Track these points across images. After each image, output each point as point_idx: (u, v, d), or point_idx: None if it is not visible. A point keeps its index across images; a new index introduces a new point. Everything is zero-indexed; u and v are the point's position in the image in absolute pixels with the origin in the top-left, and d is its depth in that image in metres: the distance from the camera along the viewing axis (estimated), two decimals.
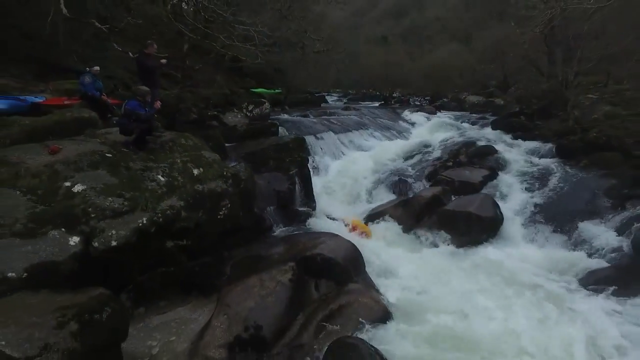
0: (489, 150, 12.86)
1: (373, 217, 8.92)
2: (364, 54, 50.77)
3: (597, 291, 6.03)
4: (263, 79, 25.12)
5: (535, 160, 12.16)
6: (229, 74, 19.36)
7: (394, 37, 65.21)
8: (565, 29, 14.53)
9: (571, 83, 15.83)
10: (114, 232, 4.66)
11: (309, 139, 12.42)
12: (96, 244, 4.53)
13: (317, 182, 10.43)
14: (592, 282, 6.21)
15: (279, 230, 7.66)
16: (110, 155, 5.81)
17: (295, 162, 9.42)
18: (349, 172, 12.11)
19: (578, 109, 15.43)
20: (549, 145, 13.02)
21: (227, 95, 18.07)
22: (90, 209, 4.73)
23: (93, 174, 5.27)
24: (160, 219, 5.17)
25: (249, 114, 13.84)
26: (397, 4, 73.66)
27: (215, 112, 13.29)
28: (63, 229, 4.43)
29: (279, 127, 12.24)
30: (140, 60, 7.85)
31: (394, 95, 35.16)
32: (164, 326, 4.88)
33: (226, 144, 9.60)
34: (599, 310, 5.57)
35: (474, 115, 22.39)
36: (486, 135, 16.28)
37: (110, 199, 4.96)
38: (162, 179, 5.79)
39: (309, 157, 10.79)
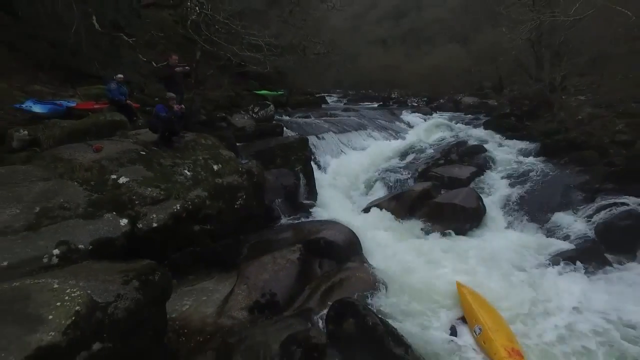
0: (479, 149, 13.88)
1: (370, 209, 9.89)
2: (363, 55, 51.78)
3: (562, 267, 7.02)
4: (265, 81, 26.07)
5: (521, 158, 13.18)
6: (233, 76, 20.35)
7: (393, 38, 66.23)
8: (550, 36, 15.50)
9: (558, 86, 16.81)
10: (154, 215, 5.66)
11: (311, 139, 13.39)
12: (140, 225, 5.53)
13: (318, 178, 11.42)
14: (559, 260, 7.19)
15: (285, 220, 8.65)
16: (144, 153, 6.82)
17: (299, 160, 10.44)
18: (348, 170, 13.11)
19: (564, 111, 16.43)
20: (535, 145, 14.04)
21: (232, 97, 19.07)
22: (134, 197, 5.73)
23: (133, 169, 6.28)
24: (190, 206, 6.17)
25: (254, 116, 14.79)
26: (397, 6, 74.43)
27: (224, 114, 14.26)
28: (114, 213, 5.43)
29: (284, 128, 13.21)
30: (163, 70, 8.85)
31: (393, 96, 36.13)
32: (193, 294, 5.86)
33: (237, 144, 10.57)
34: (562, 280, 6.58)
35: (468, 116, 23.36)
36: (478, 135, 17.32)
37: (149, 189, 5.97)
38: (188, 173, 6.80)
39: (311, 156, 11.78)
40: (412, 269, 7.07)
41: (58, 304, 3.41)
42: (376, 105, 30.18)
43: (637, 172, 9.14)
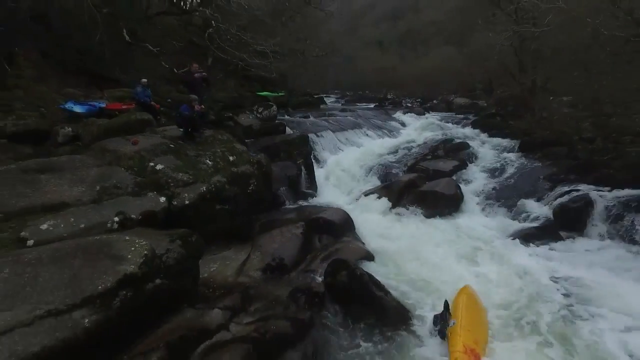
0: (463, 146, 15.30)
1: (363, 197, 11.25)
2: (360, 58, 53.19)
3: (522, 242, 8.40)
4: (266, 83, 27.42)
5: (501, 154, 14.61)
6: (237, 78, 21.71)
7: (390, 40, 67.69)
8: (532, 42, 16.92)
9: (538, 88, 18.22)
10: (186, 195, 7.02)
11: (311, 137, 14.75)
12: (175, 203, 6.88)
13: (317, 171, 12.77)
14: (521, 237, 8.58)
15: (289, 205, 10.02)
16: (173, 146, 8.19)
17: (301, 155, 11.83)
18: (345, 164, 14.46)
19: (545, 111, 17.85)
20: (515, 142, 15.45)
21: (236, 98, 20.41)
22: (169, 180, 7.09)
23: (165, 158, 7.64)
24: (213, 189, 7.52)
25: (259, 116, 16.14)
26: (394, 8, 75.68)
27: (231, 114, 15.61)
28: (155, 192, 6.78)
29: (286, 126, 14.58)
30: (185, 75, 10.20)
31: (388, 97, 37.53)
32: (216, 261, 7.18)
33: (246, 140, 11.91)
34: (521, 251, 7.99)
35: (459, 115, 24.75)
36: (466, 133, 18.75)
37: (180, 174, 7.33)
38: (209, 162, 8.16)
39: (311, 151, 13.14)
40: (397, 245, 8.43)
41: (132, 248, 4.76)
42: (372, 106, 31.54)
43: (594, 164, 10.53)
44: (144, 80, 10.61)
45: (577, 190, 9.60)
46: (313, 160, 12.89)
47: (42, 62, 11.61)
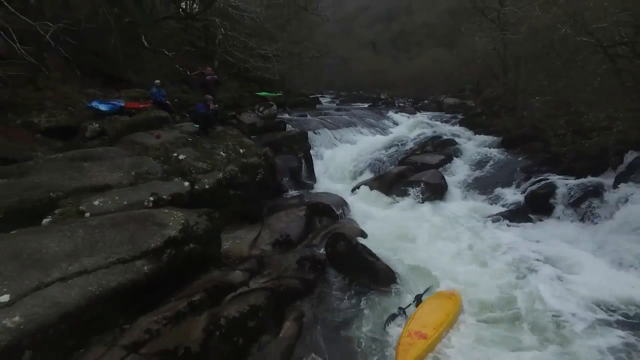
0: (450, 142, 16.57)
1: (358, 187, 12.46)
2: (354, 59, 54.37)
3: (497, 222, 9.65)
4: (264, 84, 28.55)
5: (484, 149, 15.85)
6: (239, 80, 22.83)
7: (383, 41, 69.01)
8: (514, 47, 18.26)
9: (520, 90, 19.53)
10: (206, 180, 8.18)
11: (309, 134, 15.93)
12: (197, 187, 8.03)
13: (315, 165, 13.94)
14: (495, 219, 9.83)
15: (292, 193, 11.20)
16: (191, 139, 9.34)
17: (301, 149, 13.05)
18: (340, 159, 15.69)
19: (526, 110, 19.14)
20: (498, 139, 16.73)
21: (236, 98, 21.54)
22: (191, 168, 8.25)
23: (186, 149, 8.80)
24: (227, 176, 8.69)
25: (260, 114, 17.25)
26: (388, 10, 76.96)
27: (234, 113, 16.74)
28: (180, 178, 7.93)
29: (286, 124, 15.77)
30: (199, 77, 11.36)
31: (381, 97, 38.80)
32: (231, 238, 8.30)
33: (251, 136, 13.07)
34: (495, 230, 9.23)
35: (448, 115, 26.00)
36: (453, 131, 19.99)
37: (200, 162, 8.49)
38: (223, 154, 9.32)
39: (310, 146, 14.34)
40: (387, 226, 9.64)
41: (172, 219, 5.93)
42: (366, 106, 32.77)
43: (562, 157, 11.82)
44: (158, 81, 11.74)
45: (546, 179, 10.89)
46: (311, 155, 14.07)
47: (64, 65, 12.66)
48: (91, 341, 4.30)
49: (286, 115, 20.65)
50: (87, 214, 6.15)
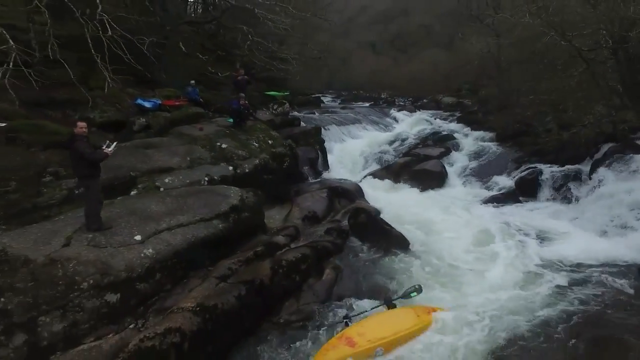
0: (449, 137, 18.14)
1: (367, 176, 13.99)
2: (354, 59, 55.86)
3: (490, 203, 11.22)
4: (270, 83, 30.04)
5: (480, 143, 17.39)
6: (255, 80, 24.31)
7: (381, 42, 70.62)
8: (505, 51, 19.87)
9: (514, 89, 21.12)
10: (246, 165, 9.69)
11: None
12: (238, 171, 9.54)
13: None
14: (489, 201, 11.41)
15: (311, 180, 12.71)
16: (228, 132, 10.85)
17: (316, 142, 14.54)
18: (349, 152, 17.21)
19: (519, 108, 20.71)
20: (492, 134, 18.30)
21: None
22: (233, 155, 9.76)
23: (226, 140, 10.30)
24: (262, 163, 10.20)
25: (274, 112, 18.78)
26: (386, 11, 78.40)
27: (251, 110, 18.24)
28: (225, 163, 9.44)
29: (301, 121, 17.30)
30: (232, 78, 12.90)
31: (382, 97, 40.33)
32: (267, 214, 9.83)
33: None
34: (481, 210, 10.78)
35: (446, 113, 27.56)
36: (451, 127, 21.56)
37: (239, 151, 10.01)
38: (256, 144, 10.83)
39: (324, 140, 15.86)
40: (397, 206, 11.17)
41: (231, 192, 7.45)
42: (367, 105, 34.26)
43: (549, 149, 13.37)
44: (193, 81, 13.22)
45: (534, 167, 12.47)
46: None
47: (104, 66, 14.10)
48: (190, 275, 5.81)
49: (295, 113, 22.13)
50: (162, 189, 7.66)
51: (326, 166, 14.49)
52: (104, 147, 5.50)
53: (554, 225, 9.43)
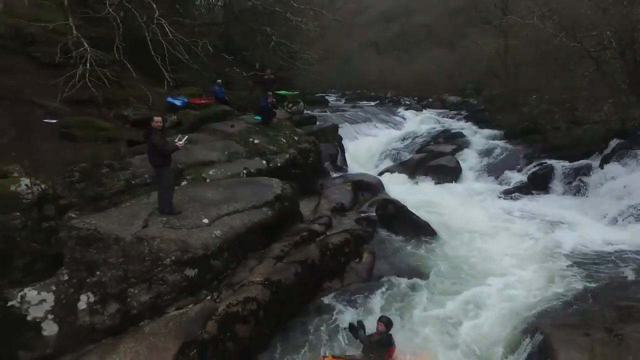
0: (459, 135, 18.77)
1: (384, 171, 14.61)
2: (357, 59, 56.41)
3: (504, 196, 11.85)
4: (281, 83, 30.63)
5: (490, 141, 18.04)
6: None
7: (382, 42, 71.24)
8: (516, 50, 20.50)
9: (520, 89, 21.76)
10: (277, 160, 10.29)
11: None
12: (271, 165, 10.13)
13: None
14: (504, 194, 12.04)
15: (333, 175, 13.31)
16: (257, 128, 11.44)
17: (335, 139, 15.14)
18: (362, 149, 17.85)
19: (525, 107, 21.34)
20: (501, 132, 18.94)
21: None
22: (265, 150, 10.36)
23: (257, 136, 10.89)
24: (291, 157, 10.79)
25: (289, 110, 19.36)
26: (387, 11, 78.96)
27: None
28: (258, 157, 10.03)
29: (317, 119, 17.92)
30: (260, 77, 13.50)
31: (386, 96, 40.95)
32: None
33: None
34: (497, 202, 11.42)
35: (452, 112, 28.24)
36: (460, 126, 22.21)
37: (270, 146, 10.60)
38: (283, 140, 11.43)
39: (342, 137, 16.50)
40: (417, 198, 11.79)
41: (274, 183, 8.04)
42: (373, 104, 34.88)
43: (558, 145, 14.01)
44: (219, 80, 13.82)
45: (545, 163, 13.10)
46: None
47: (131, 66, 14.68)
48: (248, 255, 6.41)
49: (308, 112, 22.71)
50: (207, 180, 8.26)
51: (344, 162, 15.10)
52: (176, 141, 6.10)
53: (567, 215, 10.05)
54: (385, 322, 5.10)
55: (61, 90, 9.82)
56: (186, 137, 6.31)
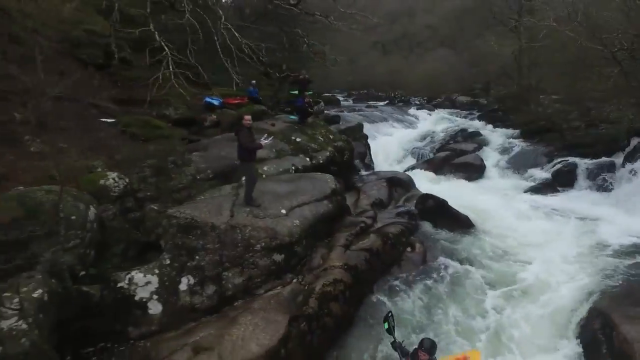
0: (477, 134, 19.32)
1: (410, 169, 15.13)
2: (362, 59, 56.93)
3: (531, 192, 12.39)
4: (294, 83, 31.15)
5: (507, 139, 18.59)
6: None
7: (387, 42, 71.84)
8: (529, 52, 21.08)
9: (534, 88, 22.33)
10: (319, 157, 10.79)
11: None
12: (313, 162, 10.63)
13: None
14: (529, 190, 12.57)
15: (363, 172, 13.83)
16: (296, 127, 11.95)
17: (362, 137, 15.67)
18: (383, 147, 18.35)
19: (540, 106, 21.89)
20: (517, 131, 19.47)
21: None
22: (307, 148, 10.86)
23: (298, 134, 11.39)
24: (330, 155, 11.29)
25: (310, 110, 19.87)
26: (390, 12, 79.38)
27: (289, 108, 19.34)
28: (302, 155, 10.54)
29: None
30: (295, 78, 14.02)
31: (394, 95, 41.47)
32: None
33: None
34: (526, 198, 11.95)
35: (463, 111, 28.78)
36: (474, 125, 22.73)
37: (312, 144, 11.11)
38: (321, 138, 11.93)
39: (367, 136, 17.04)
40: (448, 194, 12.29)
41: (328, 178, 8.54)
42: (382, 104, 35.38)
43: (578, 144, 14.55)
44: (254, 81, 14.33)
45: (567, 160, 13.65)
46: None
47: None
48: (316, 245, 6.91)
49: (325, 111, 23.21)
50: (263, 175, 8.77)
51: (371, 160, 15.62)
52: (262, 140, 6.62)
53: (597, 209, 10.63)
54: (428, 349, 4.41)
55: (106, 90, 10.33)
56: (271, 137, 6.81)
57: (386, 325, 4.93)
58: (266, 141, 6.68)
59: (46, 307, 4.59)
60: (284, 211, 6.49)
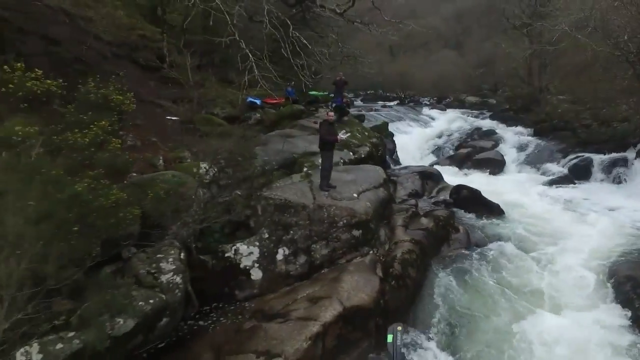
0: (492, 132, 20.40)
1: (434, 164, 16.19)
2: (368, 59, 57.97)
3: (548, 186, 13.45)
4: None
5: (521, 137, 19.64)
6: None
7: (391, 43, 73.04)
8: (540, 55, 22.15)
9: (544, 88, 23.43)
10: (361, 151, 11.86)
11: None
12: (355, 156, 11.70)
13: None
14: (548, 183, 13.63)
15: (393, 167, 14.89)
16: (336, 125, 12.97)
17: (388, 135, 16.72)
18: (403, 145, 19.35)
19: (550, 106, 22.96)
20: (529, 129, 20.54)
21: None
22: (350, 143, 11.92)
23: (339, 131, 12.43)
24: (369, 150, 12.36)
25: (332, 110, 20.92)
26: (393, 14, 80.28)
27: (313, 108, 20.40)
28: (347, 150, 11.59)
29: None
30: (334, 80, 15.09)
31: (401, 95, 42.50)
32: None
33: None
34: (546, 190, 13.00)
35: (474, 111, 29.84)
36: (487, 124, 23.80)
37: (353, 140, 12.16)
38: (358, 135, 13.00)
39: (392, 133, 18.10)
40: (475, 186, 13.38)
41: (378, 169, 9.60)
42: (394, 104, 36.40)
43: (591, 141, 15.63)
44: (292, 82, 15.38)
45: (582, 156, 14.73)
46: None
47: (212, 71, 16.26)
48: (379, 225, 7.96)
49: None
50: (320, 167, 9.81)
51: (397, 156, 16.68)
52: (340, 134, 7.68)
53: (612, 200, 11.67)
54: None
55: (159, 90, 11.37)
56: (349, 133, 7.84)
57: (389, 339, 4.50)
58: (344, 136, 7.71)
59: (185, 269, 5.65)
60: (355, 195, 7.55)
